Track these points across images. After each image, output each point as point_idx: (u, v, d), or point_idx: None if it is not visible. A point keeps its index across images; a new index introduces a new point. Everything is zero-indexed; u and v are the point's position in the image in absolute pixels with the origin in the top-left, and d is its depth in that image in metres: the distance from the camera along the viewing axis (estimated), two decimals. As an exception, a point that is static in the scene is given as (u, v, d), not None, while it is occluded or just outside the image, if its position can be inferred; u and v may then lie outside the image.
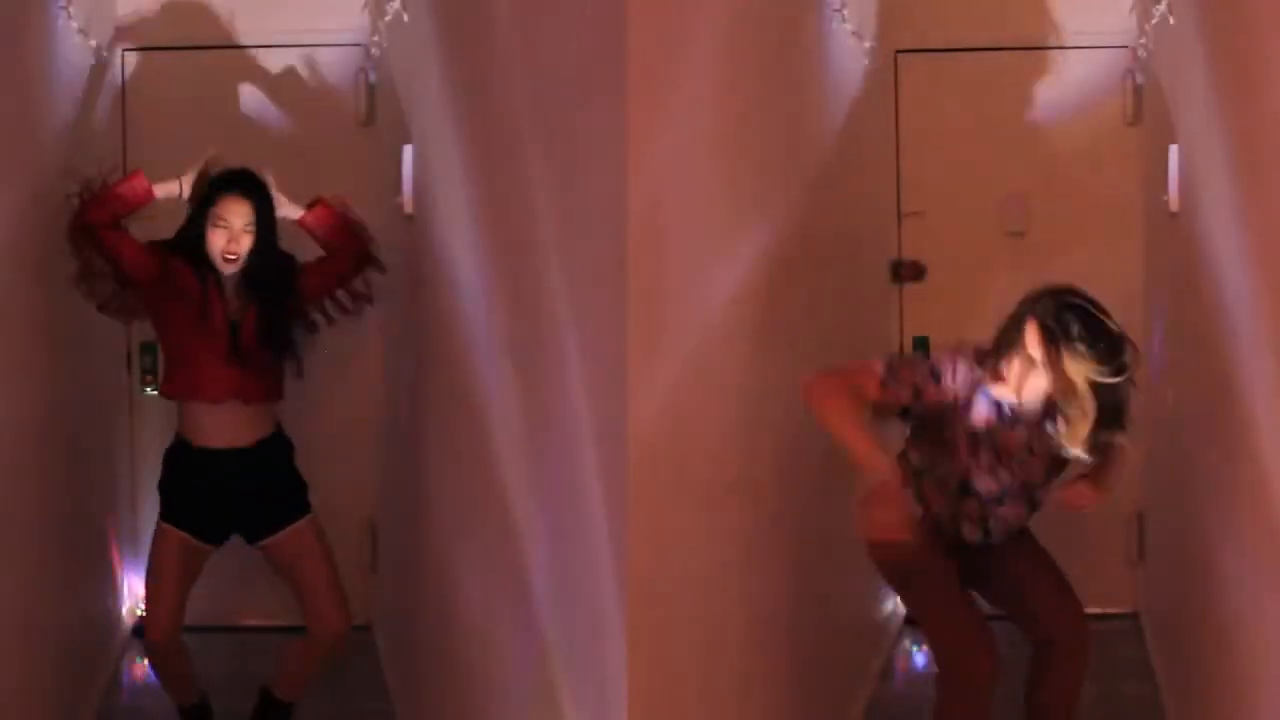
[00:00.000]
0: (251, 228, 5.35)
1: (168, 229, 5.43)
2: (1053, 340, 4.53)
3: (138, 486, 6.29)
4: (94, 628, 5.95)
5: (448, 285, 4.67)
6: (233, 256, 5.32)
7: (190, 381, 5.35)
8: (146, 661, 5.67)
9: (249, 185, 5.40)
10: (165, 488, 5.45)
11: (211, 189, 5.39)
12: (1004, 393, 4.65)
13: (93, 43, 5.76)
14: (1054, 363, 4.55)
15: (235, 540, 5.62)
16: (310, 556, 5.46)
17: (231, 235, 5.32)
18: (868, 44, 5.86)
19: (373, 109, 6.27)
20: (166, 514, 5.43)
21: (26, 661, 5.03)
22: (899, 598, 5.53)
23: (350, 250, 5.51)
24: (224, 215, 5.33)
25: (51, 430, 5.25)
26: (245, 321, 5.35)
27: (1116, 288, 6.27)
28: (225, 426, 5.36)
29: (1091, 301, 4.62)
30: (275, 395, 5.45)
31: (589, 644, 3.55)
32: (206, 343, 5.32)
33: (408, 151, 5.32)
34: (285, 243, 5.48)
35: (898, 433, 4.98)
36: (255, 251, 5.34)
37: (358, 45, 6.25)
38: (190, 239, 5.34)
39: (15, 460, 4.91)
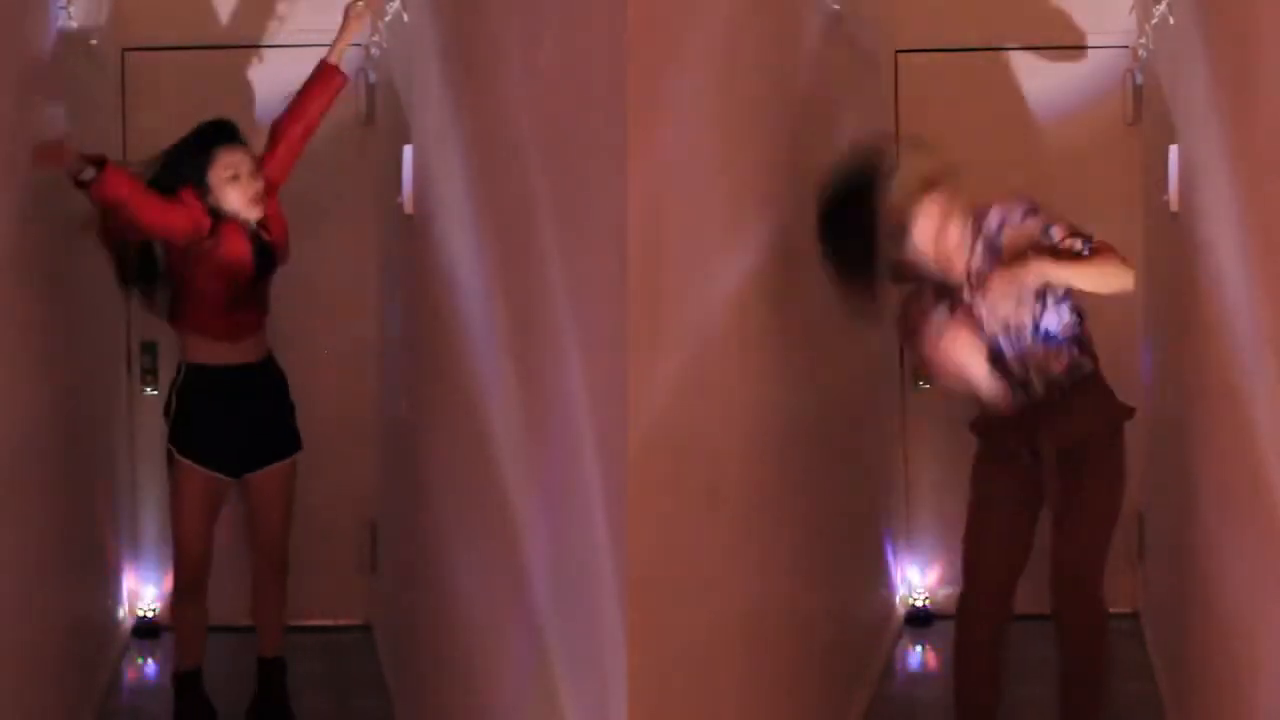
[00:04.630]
0: (255, 171, 5.48)
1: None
2: None
3: (138, 486, 6.30)
4: (94, 628, 5.95)
5: (448, 285, 4.67)
6: (258, 198, 5.44)
7: (199, 319, 5.49)
8: (170, 608, 5.78)
9: (234, 131, 5.50)
10: (179, 419, 5.53)
11: (203, 145, 5.45)
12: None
13: (93, 42, 5.76)
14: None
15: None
16: (282, 494, 5.63)
17: (247, 181, 5.43)
18: (868, 44, 5.86)
19: (373, 109, 6.27)
20: (184, 449, 5.52)
21: (26, 661, 5.02)
22: None
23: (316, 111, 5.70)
24: (234, 168, 5.44)
25: (51, 430, 5.25)
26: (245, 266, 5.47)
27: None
28: (230, 351, 5.51)
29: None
30: (265, 317, 5.62)
31: (589, 644, 3.55)
32: (216, 284, 5.44)
33: (408, 151, 5.32)
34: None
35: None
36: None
37: (358, 45, 6.25)
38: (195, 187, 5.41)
39: (15, 460, 4.91)
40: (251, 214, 5.46)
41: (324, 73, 5.64)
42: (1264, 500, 3.99)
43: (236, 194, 5.43)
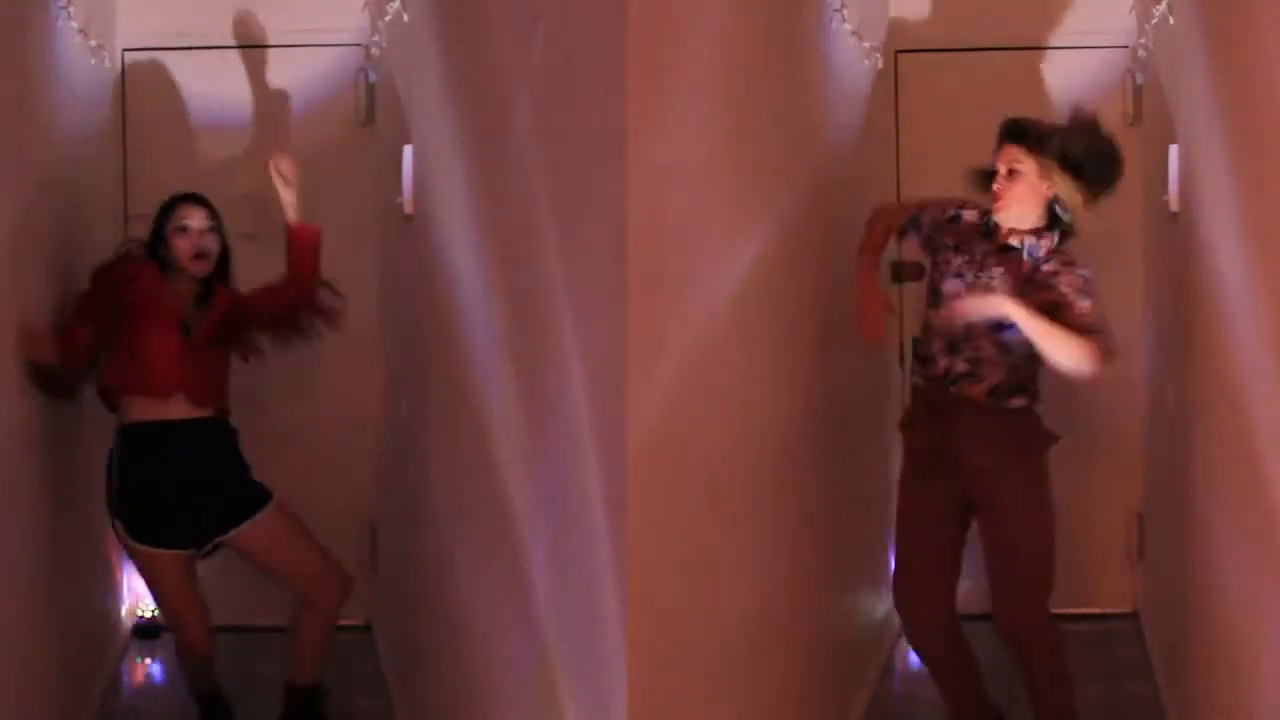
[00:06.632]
0: (213, 231, 5.42)
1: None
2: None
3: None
4: (94, 628, 5.95)
5: (448, 285, 4.67)
6: (203, 255, 5.38)
7: (138, 372, 5.31)
8: (179, 659, 5.67)
9: (199, 197, 5.48)
10: (123, 499, 5.34)
11: (166, 202, 5.45)
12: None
13: (93, 43, 5.76)
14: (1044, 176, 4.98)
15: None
16: (284, 542, 5.43)
17: (197, 235, 5.38)
18: (868, 44, 5.86)
19: (373, 109, 6.27)
20: (137, 533, 5.33)
21: (27, 662, 5.03)
22: None
23: (308, 278, 5.47)
24: (184, 219, 5.38)
25: (51, 429, 5.25)
26: (201, 325, 5.35)
27: (1116, 288, 6.30)
28: (168, 407, 5.32)
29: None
30: (221, 402, 5.42)
31: (589, 644, 3.55)
32: (158, 337, 5.29)
33: (408, 151, 5.33)
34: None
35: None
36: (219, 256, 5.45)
37: (358, 45, 6.25)
38: (154, 253, 5.41)
39: (15, 459, 4.91)
40: (193, 269, 5.39)
41: (299, 234, 5.49)
42: (1264, 500, 3.99)
43: (181, 246, 5.38)
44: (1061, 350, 4.83)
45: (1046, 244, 5.00)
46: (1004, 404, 5.03)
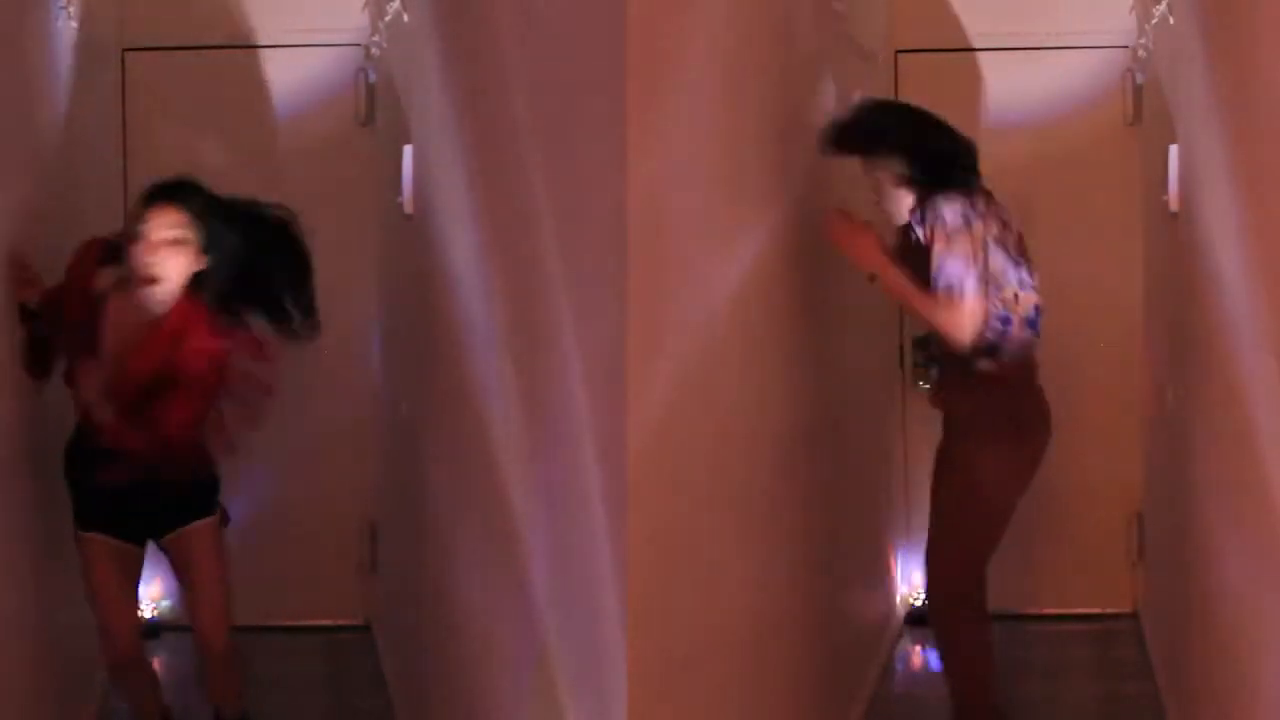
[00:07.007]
0: (186, 241, 4.59)
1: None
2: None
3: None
4: (94, 628, 5.94)
5: (448, 285, 4.67)
6: (150, 278, 4.53)
7: (76, 391, 4.84)
8: (110, 680, 5.44)
9: (181, 190, 4.61)
10: (72, 487, 5.00)
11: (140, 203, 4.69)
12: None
13: (93, 43, 5.77)
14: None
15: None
16: (208, 560, 5.01)
17: (152, 248, 4.56)
18: (863, 44, 5.87)
19: (373, 109, 6.28)
20: (83, 520, 4.97)
21: (27, 662, 5.02)
22: None
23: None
24: (144, 227, 4.56)
25: (49, 430, 5.25)
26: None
27: (1116, 288, 6.31)
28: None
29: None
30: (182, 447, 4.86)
31: (589, 644, 3.55)
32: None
33: (408, 151, 5.33)
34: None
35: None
36: (211, 275, 4.63)
37: (358, 45, 6.26)
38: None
39: (13, 460, 4.91)
40: (141, 277, 4.56)
41: None
42: (1264, 500, 3.99)
43: (136, 256, 4.56)
44: (926, 319, 5.02)
45: (909, 205, 5.06)
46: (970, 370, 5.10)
